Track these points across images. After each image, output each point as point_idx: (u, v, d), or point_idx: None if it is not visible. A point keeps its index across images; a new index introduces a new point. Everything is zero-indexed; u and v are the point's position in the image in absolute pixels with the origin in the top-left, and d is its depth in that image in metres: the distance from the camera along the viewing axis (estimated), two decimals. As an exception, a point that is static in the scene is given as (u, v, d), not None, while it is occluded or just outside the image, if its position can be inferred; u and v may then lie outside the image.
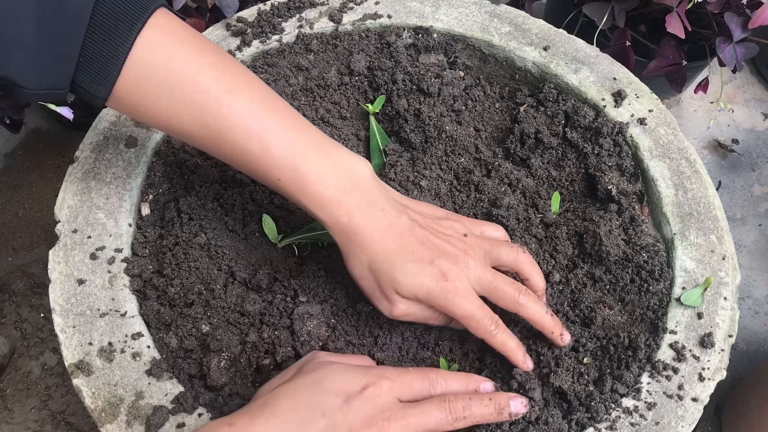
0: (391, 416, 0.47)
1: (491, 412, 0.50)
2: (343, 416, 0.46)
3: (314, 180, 0.52)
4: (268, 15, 0.75)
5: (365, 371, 0.49)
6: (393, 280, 0.53)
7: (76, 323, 0.56)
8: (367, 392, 0.47)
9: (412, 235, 0.54)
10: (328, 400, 0.46)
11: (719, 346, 0.58)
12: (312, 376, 0.48)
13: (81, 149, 0.64)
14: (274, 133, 0.51)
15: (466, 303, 0.53)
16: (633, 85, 0.72)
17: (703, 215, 0.64)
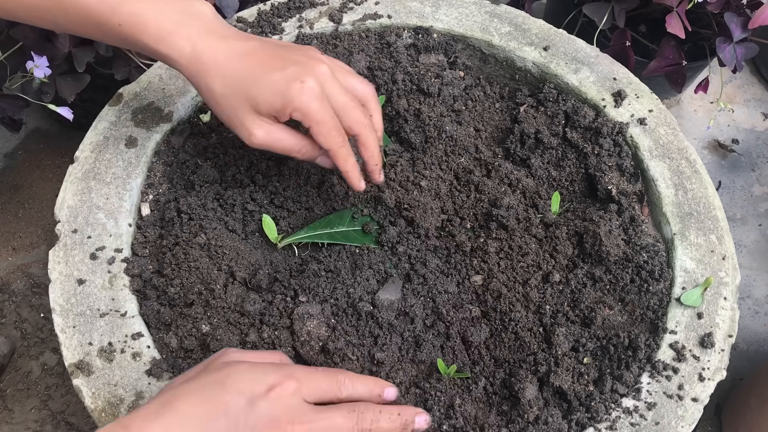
0: (295, 419, 0.45)
1: (397, 427, 0.48)
2: (246, 417, 0.44)
3: (153, 17, 0.53)
4: (268, 15, 0.75)
5: (273, 370, 0.46)
6: (248, 96, 0.53)
7: (76, 323, 0.56)
8: (273, 393, 0.45)
9: (262, 52, 0.55)
10: (231, 400, 0.44)
11: (719, 346, 0.58)
12: (216, 375, 0.45)
13: (81, 149, 0.64)
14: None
15: (320, 106, 0.54)
16: (633, 85, 0.72)
17: (703, 215, 0.64)
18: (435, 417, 0.55)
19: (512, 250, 0.65)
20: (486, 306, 0.62)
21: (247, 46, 0.55)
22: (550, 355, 0.58)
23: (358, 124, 0.57)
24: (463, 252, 0.65)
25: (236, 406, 0.44)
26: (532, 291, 0.62)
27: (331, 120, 0.55)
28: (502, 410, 0.57)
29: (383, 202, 0.65)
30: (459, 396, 0.57)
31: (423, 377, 0.58)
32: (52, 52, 0.79)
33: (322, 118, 0.54)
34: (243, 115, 0.54)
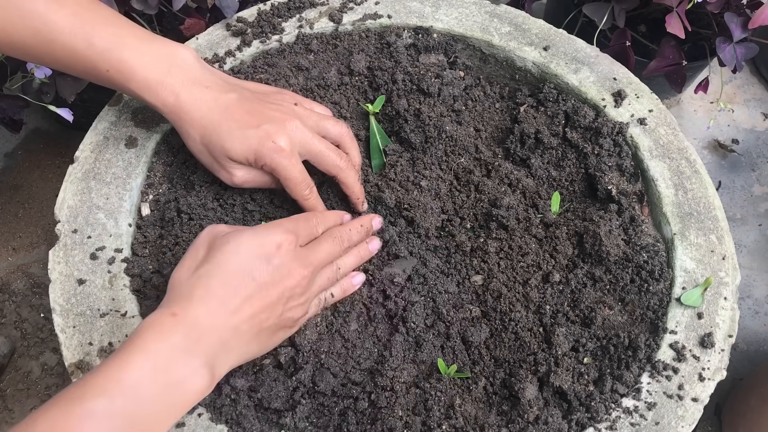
0: (305, 262, 0.54)
1: (364, 234, 0.61)
2: (271, 276, 0.51)
3: (138, 66, 0.57)
4: (268, 15, 0.75)
5: (271, 230, 0.53)
6: (223, 148, 0.58)
7: (76, 323, 0.56)
8: (282, 250, 0.52)
9: (239, 107, 0.59)
10: (254, 266, 0.51)
11: (719, 346, 0.58)
12: (229, 249, 0.51)
13: (81, 149, 0.64)
14: (99, 29, 0.56)
15: (289, 164, 0.59)
16: (633, 85, 0.72)
17: (703, 215, 0.64)
18: (435, 417, 0.55)
19: (512, 250, 0.65)
20: (486, 306, 0.62)
21: (227, 98, 0.59)
22: (550, 355, 0.58)
23: (335, 167, 0.62)
24: (463, 252, 0.65)
25: (259, 270, 0.51)
26: (532, 291, 0.62)
27: (299, 175, 0.60)
28: (502, 410, 0.57)
29: (383, 202, 0.66)
30: (459, 396, 0.57)
31: (423, 377, 0.58)
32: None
33: (290, 174, 0.59)
34: (221, 162, 0.59)
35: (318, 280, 0.56)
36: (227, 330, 0.48)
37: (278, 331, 0.53)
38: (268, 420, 0.55)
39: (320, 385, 0.55)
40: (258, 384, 0.55)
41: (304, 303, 0.54)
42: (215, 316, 0.48)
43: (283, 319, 0.53)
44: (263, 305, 0.50)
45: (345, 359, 0.57)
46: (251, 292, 0.50)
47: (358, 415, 0.55)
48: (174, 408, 0.45)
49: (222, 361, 0.48)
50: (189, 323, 0.47)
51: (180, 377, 0.45)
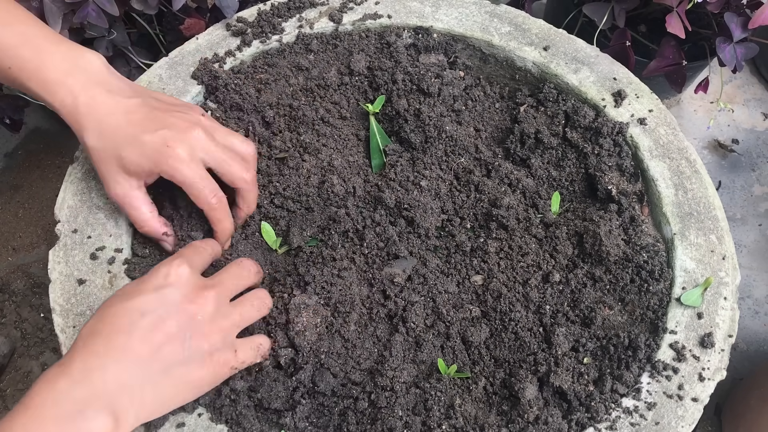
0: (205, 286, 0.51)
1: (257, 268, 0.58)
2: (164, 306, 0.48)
3: (40, 65, 0.55)
4: (268, 15, 0.75)
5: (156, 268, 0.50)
6: (117, 155, 0.55)
7: (76, 323, 0.56)
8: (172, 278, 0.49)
9: (140, 113, 0.56)
10: (141, 301, 0.48)
11: (719, 346, 0.58)
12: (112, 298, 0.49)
13: (81, 149, 0.64)
14: (7, 27, 0.55)
15: (187, 170, 0.56)
16: (633, 85, 0.72)
17: (703, 215, 0.64)
18: (435, 417, 0.55)
19: (512, 250, 0.65)
20: (486, 306, 0.62)
21: (129, 104, 0.56)
22: (550, 355, 0.58)
23: (239, 179, 0.59)
24: (463, 252, 0.65)
25: (148, 303, 0.47)
26: (532, 291, 0.62)
27: (201, 181, 0.57)
28: (502, 410, 0.57)
29: (383, 202, 0.66)
30: (459, 396, 0.57)
31: (423, 377, 0.58)
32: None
33: (191, 179, 0.56)
34: (108, 171, 0.56)
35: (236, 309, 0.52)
36: (124, 373, 0.45)
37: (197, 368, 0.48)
38: (268, 420, 0.55)
39: (320, 385, 0.55)
40: (258, 384, 0.55)
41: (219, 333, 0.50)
42: (105, 360, 0.45)
43: (195, 351, 0.48)
44: (162, 339, 0.47)
45: (345, 359, 0.57)
46: (144, 329, 0.46)
47: (358, 415, 0.55)
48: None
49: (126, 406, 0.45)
50: (75, 370, 0.44)
51: (72, 427, 0.42)
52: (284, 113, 0.69)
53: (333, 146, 0.69)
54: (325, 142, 0.69)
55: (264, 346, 0.54)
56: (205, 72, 0.69)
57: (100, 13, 0.77)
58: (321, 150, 0.68)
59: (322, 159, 0.67)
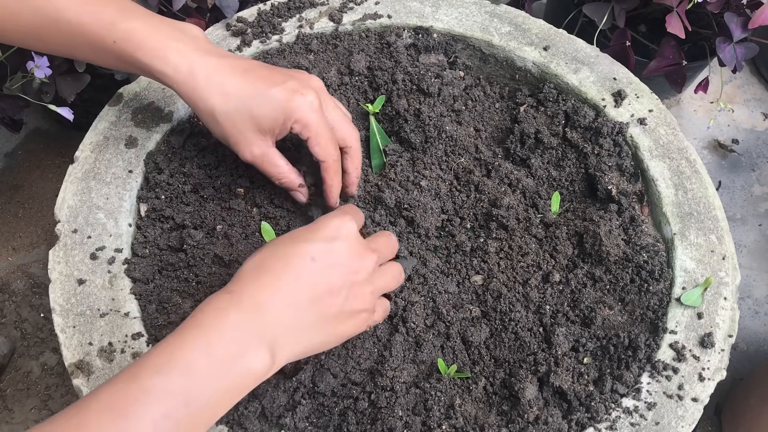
0: (368, 247, 0.51)
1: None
2: (332, 257, 0.48)
3: (148, 34, 0.54)
4: (268, 15, 0.75)
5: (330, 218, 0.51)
6: (251, 113, 0.55)
7: (76, 323, 0.56)
8: (343, 232, 0.50)
9: (259, 69, 0.56)
10: (313, 248, 0.48)
11: (719, 346, 0.58)
12: (285, 237, 0.50)
13: (81, 149, 0.64)
14: (104, 3, 0.54)
15: (319, 118, 0.56)
16: (633, 85, 0.72)
17: (703, 215, 0.64)
18: (435, 417, 0.55)
19: (512, 250, 0.65)
20: (486, 306, 0.62)
21: (245, 63, 0.57)
22: (550, 355, 0.58)
23: (351, 137, 0.60)
24: (463, 252, 0.65)
25: (319, 251, 0.48)
26: (532, 291, 0.62)
27: (328, 132, 0.57)
28: (502, 410, 0.57)
29: (383, 202, 0.66)
30: (459, 396, 0.57)
31: (423, 377, 0.58)
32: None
33: (322, 129, 0.57)
34: (244, 132, 0.56)
35: (383, 276, 0.53)
36: (287, 313, 0.46)
37: (344, 321, 0.49)
38: (268, 420, 0.55)
39: (320, 386, 0.55)
40: (260, 392, 0.55)
41: (369, 295, 0.51)
42: (273, 296, 0.46)
43: (348, 307, 0.49)
44: (325, 289, 0.48)
45: (345, 359, 0.57)
46: (312, 274, 0.47)
47: (358, 415, 0.55)
48: (230, 387, 0.43)
49: (282, 345, 0.45)
50: (245, 301, 0.45)
51: (235, 354, 0.43)
52: (284, 113, 0.69)
53: (333, 146, 0.69)
54: (325, 142, 0.69)
55: (388, 308, 0.56)
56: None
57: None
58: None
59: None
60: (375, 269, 0.52)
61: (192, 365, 0.41)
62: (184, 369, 0.41)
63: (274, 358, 0.45)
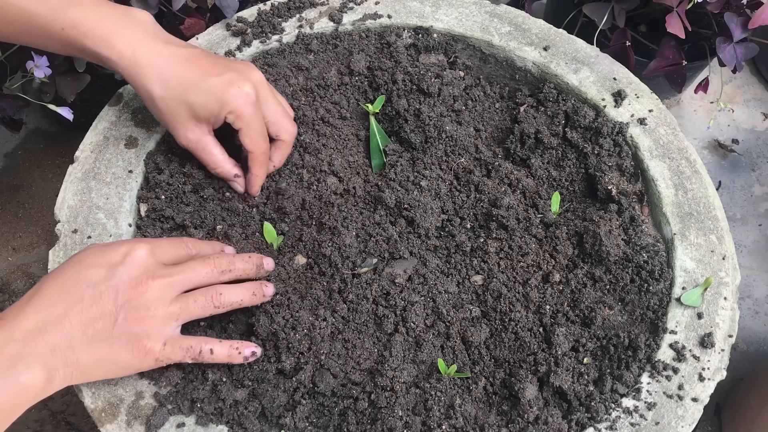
0: (155, 274, 0.50)
1: (251, 267, 0.56)
2: (108, 283, 0.49)
3: (94, 21, 0.55)
4: (268, 15, 0.75)
5: (122, 243, 0.52)
6: (186, 101, 0.57)
7: (76, 323, 0.56)
8: (128, 258, 0.50)
9: (202, 58, 0.58)
10: (91, 273, 0.49)
11: (719, 346, 0.58)
12: (73, 260, 0.50)
13: (81, 149, 0.64)
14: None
15: (253, 111, 0.58)
16: (633, 85, 0.72)
17: (703, 215, 0.64)
18: (435, 417, 0.55)
19: (512, 250, 0.65)
20: (486, 306, 0.62)
21: (188, 52, 0.58)
22: (550, 355, 0.58)
23: (286, 132, 0.62)
24: (463, 252, 0.65)
25: (97, 276, 0.49)
26: (532, 291, 0.62)
27: (260, 125, 0.59)
28: (502, 410, 0.57)
29: (383, 202, 0.66)
30: (459, 396, 0.57)
31: (423, 377, 0.58)
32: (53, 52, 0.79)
33: (254, 122, 0.59)
34: (179, 118, 0.58)
35: (183, 302, 0.51)
36: (59, 334, 0.47)
37: (121, 349, 0.49)
38: (268, 420, 0.55)
39: (320, 386, 0.55)
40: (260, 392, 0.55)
41: (152, 321, 0.49)
42: (42, 318, 0.47)
43: (122, 332, 0.48)
44: (96, 313, 0.48)
45: (345, 359, 0.57)
46: (83, 297, 0.48)
47: (358, 415, 0.55)
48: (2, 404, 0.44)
49: (56, 366, 0.46)
50: (15, 326, 0.46)
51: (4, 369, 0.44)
52: (284, 113, 0.69)
53: (333, 146, 0.69)
54: (325, 142, 0.69)
55: (195, 348, 0.51)
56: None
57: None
58: (321, 150, 0.68)
59: (322, 159, 0.67)
60: (164, 295, 0.50)
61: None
62: None
63: (50, 378, 0.46)
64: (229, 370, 0.55)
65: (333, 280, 0.61)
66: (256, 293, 0.55)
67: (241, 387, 0.55)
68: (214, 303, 0.52)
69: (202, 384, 0.54)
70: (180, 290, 0.52)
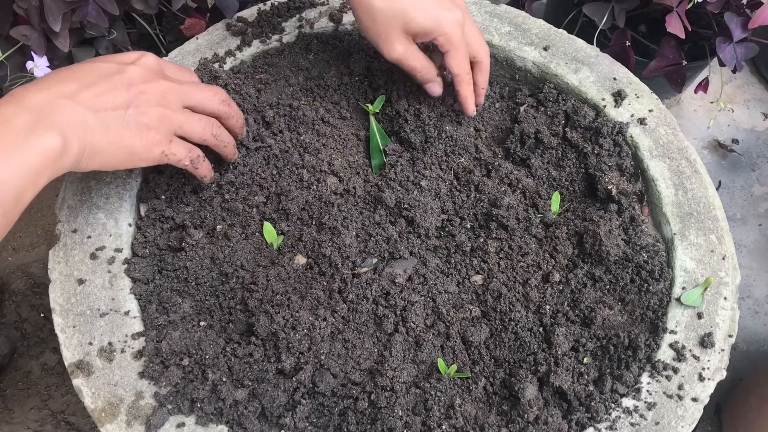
0: (165, 77, 0.55)
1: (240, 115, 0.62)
2: (121, 75, 0.53)
3: None
4: (269, 15, 0.75)
5: (131, 52, 0.56)
6: (404, 15, 0.61)
7: (76, 323, 0.56)
8: (140, 60, 0.55)
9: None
10: (104, 66, 0.53)
11: (719, 346, 0.58)
12: (83, 61, 0.54)
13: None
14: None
15: (461, 35, 0.63)
16: (633, 85, 0.72)
17: (703, 215, 0.64)
18: (435, 417, 0.55)
19: (512, 250, 0.65)
20: (486, 306, 0.62)
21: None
22: (550, 355, 0.58)
23: (484, 52, 0.67)
24: (463, 252, 0.65)
25: (109, 69, 0.52)
26: (532, 291, 0.62)
27: (465, 49, 0.64)
28: (502, 410, 0.57)
29: (383, 202, 0.66)
30: (459, 396, 0.57)
31: (423, 377, 0.58)
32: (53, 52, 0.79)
33: (462, 45, 0.64)
34: (392, 31, 0.62)
35: (187, 116, 0.56)
36: (70, 108, 0.49)
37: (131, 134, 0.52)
38: (268, 420, 0.55)
39: (320, 386, 0.55)
40: (260, 392, 0.55)
41: (160, 115, 0.53)
42: (54, 94, 0.49)
43: (133, 120, 0.52)
44: (109, 98, 0.51)
45: (345, 359, 0.57)
46: (96, 82, 0.51)
47: (358, 415, 0.55)
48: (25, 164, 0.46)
49: (71, 137, 0.48)
50: (27, 98, 0.48)
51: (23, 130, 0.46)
52: (284, 113, 0.69)
53: (333, 146, 0.69)
54: (325, 142, 0.69)
55: (194, 153, 0.57)
56: (204, 72, 0.69)
57: (100, 12, 0.77)
58: (321, 150, 0.68)
59: (322, 159, 0.67)
60: (170, 98, 0.55)
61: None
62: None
63: (66, 145, 0.47)
64: (229, 370, 0.55)
65: (333, 280, 0.61)
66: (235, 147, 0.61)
67: (241, 387, 0.55)
68: (213, 131, 0.58)
69: (202, 384, 0.54)
70: (184, 102, 0.56)
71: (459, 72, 0.65)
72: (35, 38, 0.76)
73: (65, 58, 0.82)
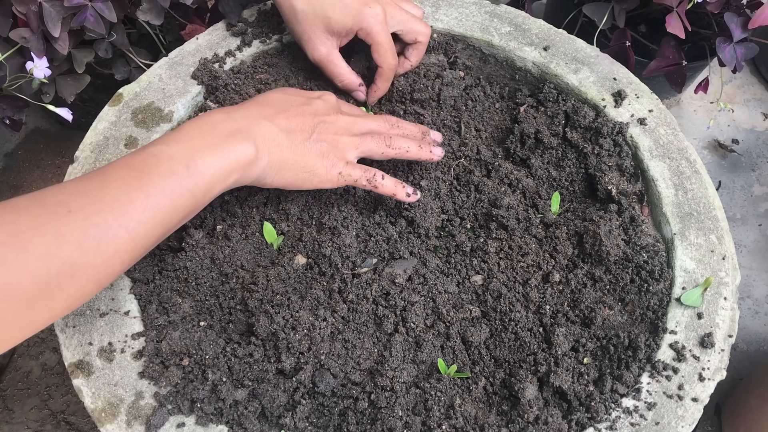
0: (343, 111, 0.62)
1: (417, 131, 0.66)
2: (308, 106, 0.60)
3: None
4: (269, 15, 0.75)
5: (315, 92, 0.64)
6: (324, 16, 0.65)
7: (76, 323, 0.56)
8: (324, 96, 0.62)
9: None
10: (294, 98, 0.60)
11: (719, 346, 0.58)
12: (274, 91, 0.62)
13: (81, 149, 0.64)
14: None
15: (381, 28, 0.66)
16: (633, 85, 0.72)
17: (703, 215, 0.64)
18: (435, 417, 0.55)
19: (512, 250, 0.65)
20: (486, 306, 0.62)
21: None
22: (550, 355, 0.58)
23: (422, 34, 0.69)
24: (463, 252, 0.65)
25: (299, 101, 0.60)
26: (532, 291, 0.62)
27: (389, 43, 0.67)
28: (502, 410, 0.57)
29: (383, 202, 0.66)
30: (459, 396, 0.57)
31: (423, 377, 0.58)
32: (52, 53, 0.79)
33: (383, 39, 0.66)
34: (315, 31, 0.66)
35: (362, 137, 0.61)
36: (267, 130, 0.55)
37: (314, 156, 0.58)
38: (268, 420, 0.55)
39: (320, 386, 0.55)
40: (260, 392, 0.55)
41: (339, 140, 0.60)
42: (255, 114, 0.56)
43: (316, 142, 0.58)
44: (298, 125, 0.58)
45: (345, 359, 0.57)
46: (288, 109, 0.58)
47: (358, 415, 0.55)
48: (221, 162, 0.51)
49: (263, 150, 0.54)
50: (231, 112, 0.55)
51: (225, 136, 0.53)
52: (284, 113, 0.69)
53: (333, 146, 0.69)
54: (325, 142, 0.69)
55: (369, 173, 0.61)
56: (205, 72, 0.69)
57: (99, 19, 0.77)
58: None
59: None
60: (348, 129, 0.61)
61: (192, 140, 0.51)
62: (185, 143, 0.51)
63: (257, 155, 0.54)
64: (229, 370, 0.55)
65: (333, 280, 0.61)
66: (422, 147, 0.64)
67: (241, 387, 0.55)
68: (386, 143, 0.62)
69: (202, 384, 0.54)
70: (360, 131, 0.62)
71: (381, 64, 0.68)
72: (35, 41, 0.77)
73: (65, 58, 0.82)
